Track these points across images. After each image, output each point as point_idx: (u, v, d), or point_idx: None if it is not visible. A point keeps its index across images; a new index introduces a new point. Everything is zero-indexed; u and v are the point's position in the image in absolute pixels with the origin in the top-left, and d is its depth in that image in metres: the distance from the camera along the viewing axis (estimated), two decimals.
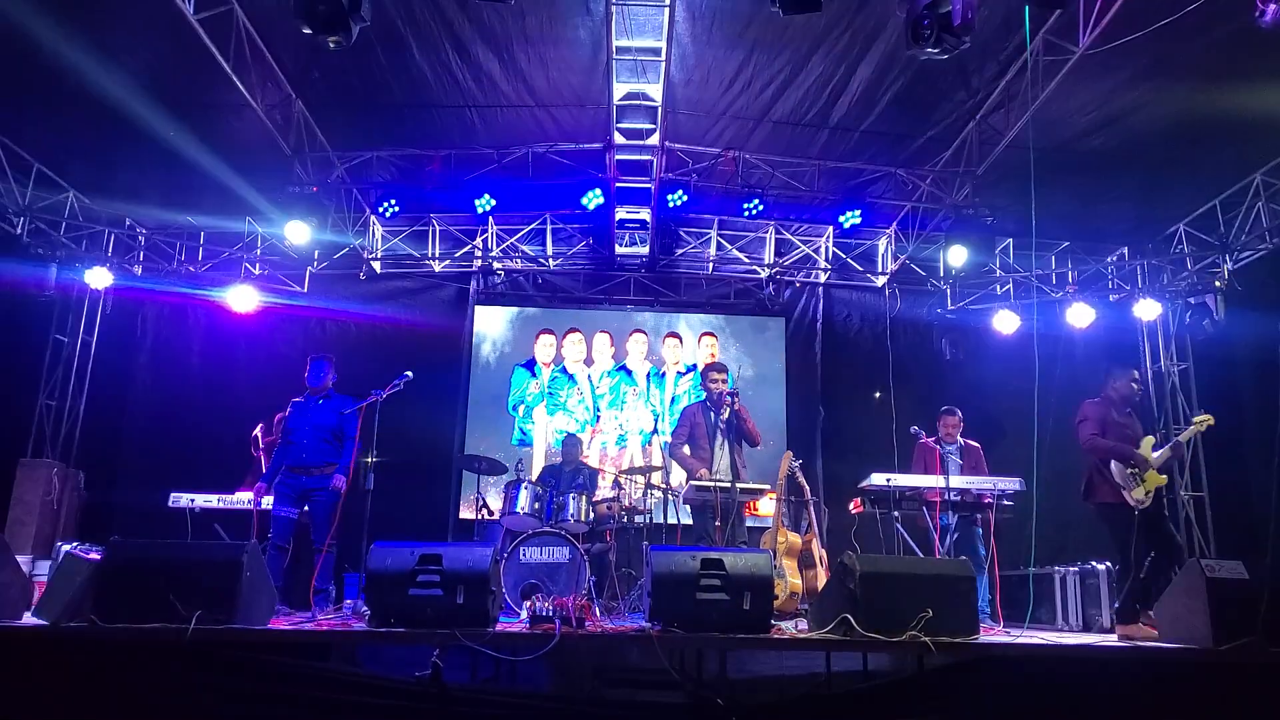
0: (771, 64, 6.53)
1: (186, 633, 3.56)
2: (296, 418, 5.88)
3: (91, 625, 3.66)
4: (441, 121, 7.36)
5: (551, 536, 5.94)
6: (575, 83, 6.86)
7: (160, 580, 3.75)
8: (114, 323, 8.75)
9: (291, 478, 5.75)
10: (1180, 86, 6.23)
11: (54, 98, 6.66)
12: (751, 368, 9.03)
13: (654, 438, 8.91)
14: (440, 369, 8.61)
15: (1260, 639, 3.87)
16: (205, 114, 6.88)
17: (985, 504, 6.07)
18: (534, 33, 6.23)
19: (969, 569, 4.33)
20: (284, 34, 6.16)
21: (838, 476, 8.53)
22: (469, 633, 3.72)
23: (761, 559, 4.11)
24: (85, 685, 3.57)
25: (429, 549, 3.93)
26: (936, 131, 7.35)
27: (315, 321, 8.99)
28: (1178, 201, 8.12)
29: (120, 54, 6.24)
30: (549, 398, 9.12)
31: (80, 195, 8.16)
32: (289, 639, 4.11)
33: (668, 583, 3.95)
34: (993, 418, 7.64)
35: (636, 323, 9.44)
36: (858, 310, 9.58)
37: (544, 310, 9.47)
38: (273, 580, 4.62)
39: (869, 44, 6.22)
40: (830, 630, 3.97)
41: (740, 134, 7.54)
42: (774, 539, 5.75)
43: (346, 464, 5.78)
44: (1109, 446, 5.23)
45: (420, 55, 6.43)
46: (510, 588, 5.60)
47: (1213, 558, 6.78)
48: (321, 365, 6.00)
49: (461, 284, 9.41)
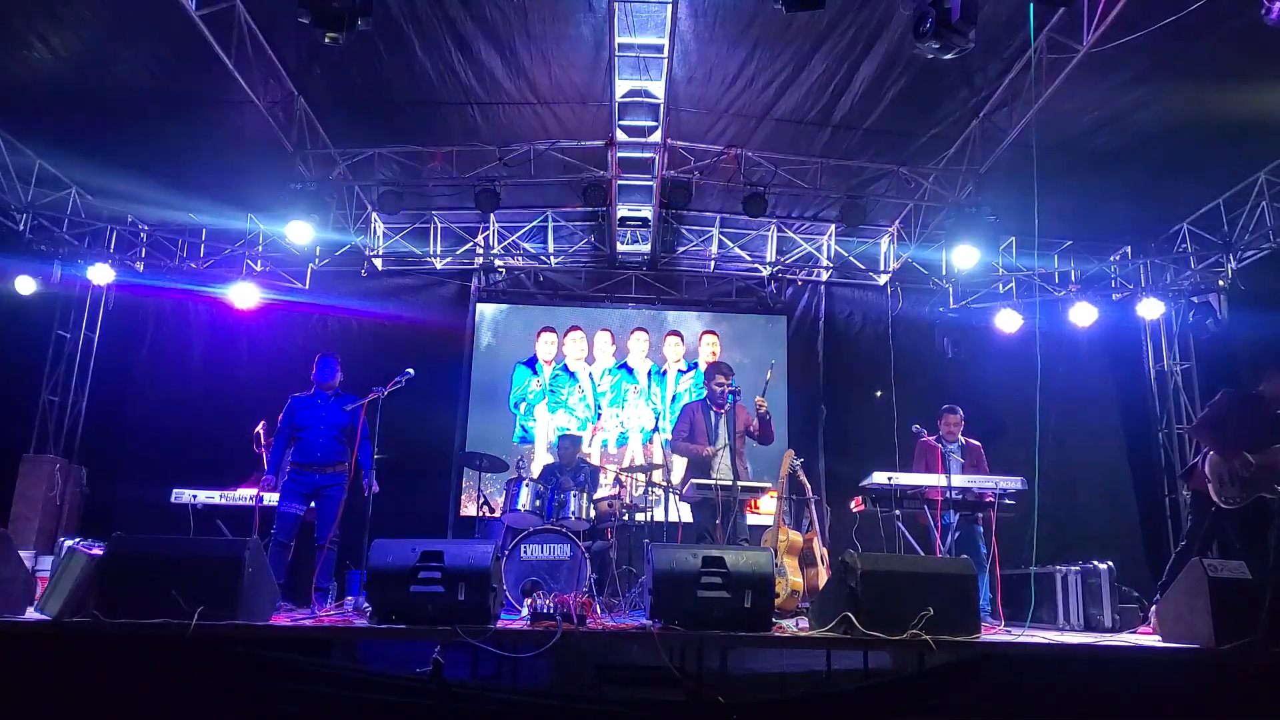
0: (774, 61, 6.52)
1: (189, 628, 3.57)
2: (309, 415, 5.86)
3: (94, 620, 3.67)
4: (443, 118, 7.35)
5: (552, 534, 5.94)
6: (577, 80, 6.85)
7: (163, 576, 3.75)
8: (116, 319, 8.77)
9: (302, 475, 5.75)
10: (1184, 85, 6.22)
11: (56, 94, 6.66)
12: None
13: (655, 435, 8.91)
14: (441, 366, 8.62)
15: (1262, 639, 3.87)
16: (207, 111, 6.88)
17: (987, 503, 6.06)
18: (536, 30, 6.22)
19: (970, 568, 4.33)
20: (286, 30, 6.15)
21: (839, 475, 8.53)
22: (470, 629, 3.72)
23: (763, 557, 4.11)
24: (88, 680, 3.58)
25: (430, 546, 3.93)
26: (939, 129, 7.33)
27: (317, 318, 9.01)
28: (1181, 200, 8.11)
29: (122, 50, 6.25)
30: (550, 395, 9.12)
31: (82, 192, 8.17)
32: (291, 635, 4.10)
33: (669, 580, 3.95)
34: (994, 417, 7.62)
35: (638, 321, 9.43)
36: (860, 309, 9.57)
37: (545, 308, 9.46)
38: (275, 576, 4.62)
39: (872, 41, 6.21)
40: (831, 629, 3.97)
41: (742, 131, 7.53)
42: (775, 537, 5.75)
43: (370, 465, 5.79)
44: (1208, 436, 5.11)
45: (423, 52, 6.42)
46: (511, 585, 5.60)
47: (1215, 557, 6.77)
48: (331, 363, 6.00)
49: (463, 281, 9.41)
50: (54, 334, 8.51)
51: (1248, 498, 4.90)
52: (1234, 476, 4.95)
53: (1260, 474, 4.86)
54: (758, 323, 9.51)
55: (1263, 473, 4.85)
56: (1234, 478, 4.94)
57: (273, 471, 5.93)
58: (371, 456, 5.82)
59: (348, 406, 5.80)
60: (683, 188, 7.83)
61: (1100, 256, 9.02)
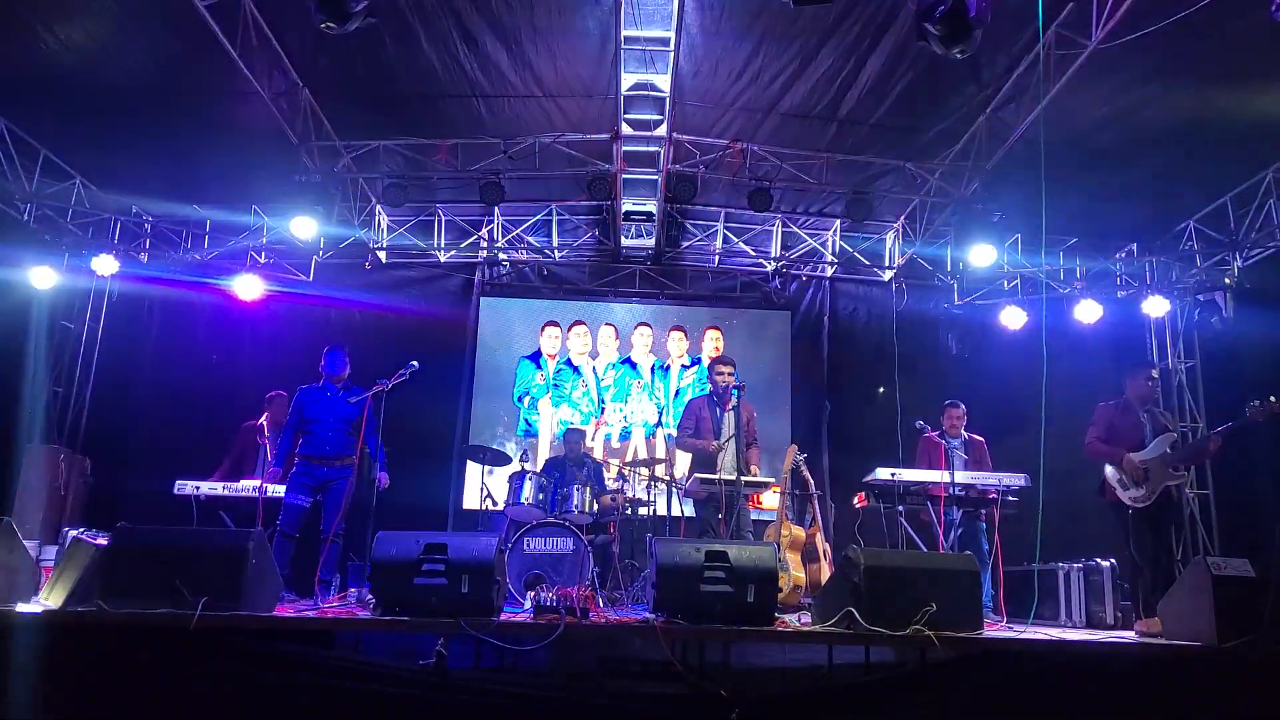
0: (781, 55, 6.50)
1: (192, 619, 3.58)
2: (318, 407, 5.82)
3: (98, 611, 3.68)
4: (448, 111, 7.33)
5: (556, 527, 5.95)
6: (583, 73, 6.83)
7: (167, 566, 3.77)
8: (120, 310, 8.76)
9: (310, 467, 5.72)
10: (1192, 82, 6.18)
11: (61, 85, 6.65)
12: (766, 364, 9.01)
13: (657, 430, 8.91)
14: (445, 359, 8.62)
15: (1265, 636, 3.87)
16: (212, 102, 6.87)
17: (990, 499, 6.06)
18: (542, 23, 6.20)
19: (973, 564, 4.32)
20: (291, 22, 6.14)
21: (843, 470, 8.52)
22: (473, 622, 3.73)
23: (765, 551, 4.12)
24: (91, 669, 3.59)
25: (434, 538, 3.94)
26: (946, 125, 7.30)
27: (321, 311, 9.00)
28: (1188, 198, 8.07)
29: (127, 41, 6.24)
30: (554, 389, 9.12)
31: (87, 183, 8.16)
32: (294, 626, 4.12)
33: (672, 574, 3.95)
34: (998, 413, 7.61)
35: (642, 315, 9.43)
36: (864, 304, 9.56)
37: (549, 302, 9.46)
38: (279, 568, 4.63)
39: (879, 36, 6.19)
40: (834, 624, 3.97)
41: (748, 126, 7.51)
42: (778, 532, 5.75)
43: (382, 459, 5.79)
44: (1097, 450, 5.51)
45: (428, 45, 6.41)
46: (514, 578, 5.61)
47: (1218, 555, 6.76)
48: (340, 355, 5.96)
49: (467, 275, 9.41)
50: (58, 324, 8.52)
51: (1155, 492, 5.23)
52: (1133, 479, 5.31)
53: (1153, 467, 5.24)
54: (762, 318, 9.50)
55: (1153, 465, 5.25)
56: (1134, 480, 5.30)
57: (280, 464, 5.88)
58: (382, 451, 5.82)
59: (353, 399, 5.79)
60: (688, 182, 7.82)
61: (1106, 254, 8.98)
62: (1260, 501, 7.49)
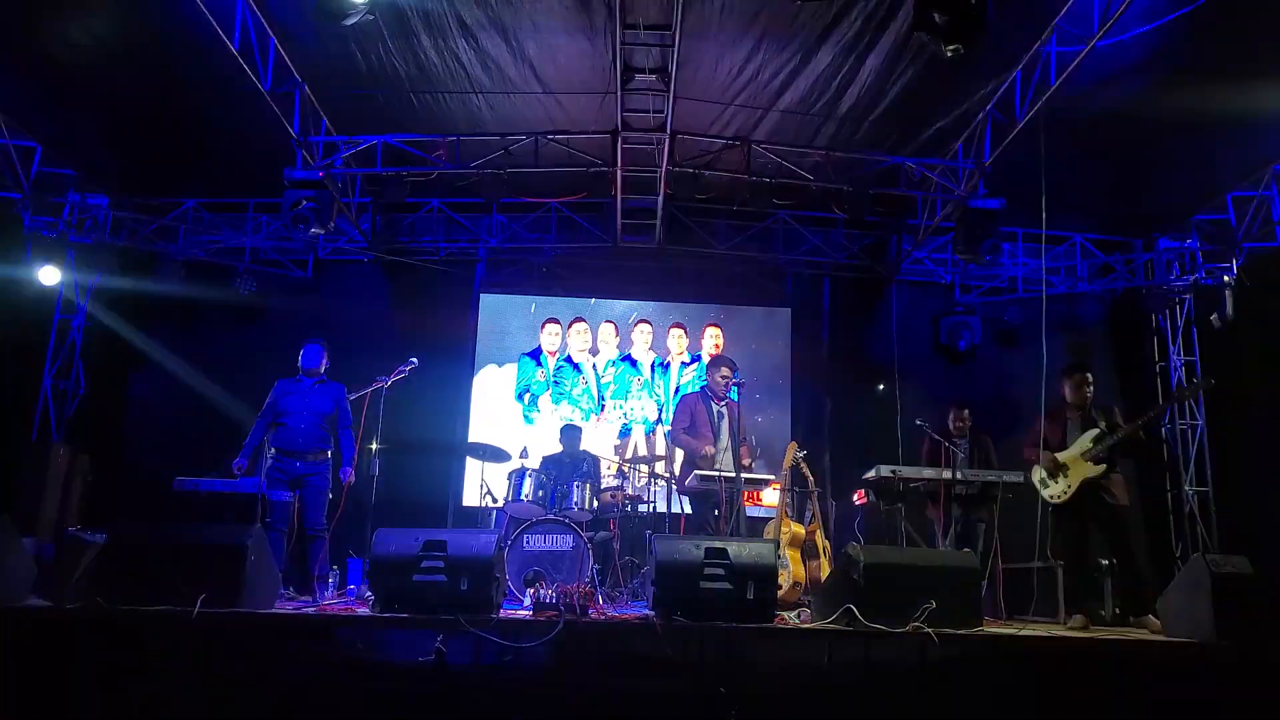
0: (781, 53, 6.48)
1: (192, 615, 3.58)
2: (292, 401, 5.82)
3: (97, 607, 3.67)
4: (448, 108, 7.32)
5: (555, 524, 5.95)
6: (583, 70, 6.82)
7: (166, 563, 3.77)
8: (118, 306, 8.75)
9: (284, 462, 5.72)
10: (1193, 78, 6.17)
11: (58, 80, 6.65)
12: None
13: (658, 427, 8.90)
14: (445, 356, 8.60)
15: (1264, 633, 3.87)
16: (211, 98, 6.85)
17: (990, 497, 6.06)
18: (543, 19, 6.18)
19: (973, 561, 4.33)
20: (291, 18, 6.12)
21: (844, 468, 8.50)
22: (473, 619, 3.73)
23: (765, 548, 4.12)
24: (90, 666, 3.59)
25: (434, 535, 3.94)
26: (946, 122, 7.28)
27: (320, 307, 8.98)
28: (1189, 194, 8.06)
29: (125, 36, 6.22)
30: (554, 387, 9.11)
31: (85, 177, 8.15)
32: (293, 622, 4.12)
33: (672, 571, 3.96)
34: (1000, 411, 7.62)
35: (641, 312, 9.41)
36: (864, 302, 9.54)
37: (549, 299, 9.44)
38: (275, 564, 4.63)
39: (880, 33, 6.17)
40: (834, 620, 3.97)
41: (748, 123, 7.49)
42: (778, 529, 5.75)
43: (352, 455, 5.77)
44: (1028, 456, 5.72)
45: (428, 41, 6.39)
46: (514, 575, 5.61)
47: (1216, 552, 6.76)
48: (317, 349, 5.97)
49: (467, 272, 9.38)
50: (57, 319, 8.51)
51: (1072, 487, 5.42)
52: (1050, 475, 5.53)
53: (1070, 463, 5.45)
54: (762, 315, 9.48)
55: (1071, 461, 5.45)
56: (1054, 476, 5.51)
57: (246, 456, 5.72)
58: (353, 447, 5.79)
59: (352, 396, 5.79)
60: (688, 179, 7.80)
61: (1106, 251, 8.98)
62: (1260, 498, 7.49)
